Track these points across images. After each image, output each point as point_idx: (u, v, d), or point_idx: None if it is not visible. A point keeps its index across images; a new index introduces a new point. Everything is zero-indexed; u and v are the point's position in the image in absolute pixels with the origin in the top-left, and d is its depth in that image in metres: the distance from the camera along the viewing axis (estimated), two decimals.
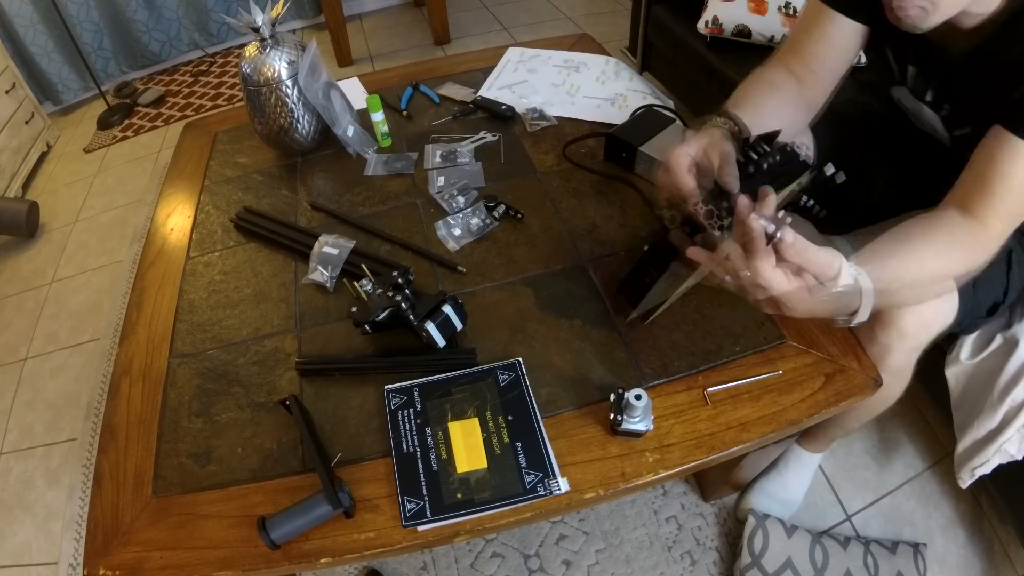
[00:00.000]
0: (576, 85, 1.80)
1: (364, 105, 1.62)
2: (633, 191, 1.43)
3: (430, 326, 1.07)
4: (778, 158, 1.01)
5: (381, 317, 1.09)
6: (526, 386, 1.06)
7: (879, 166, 1.42)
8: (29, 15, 3.38)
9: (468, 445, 1.00)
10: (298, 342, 1.20)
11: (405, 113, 1.76)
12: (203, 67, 4.04)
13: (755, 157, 1.00)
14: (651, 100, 1.68)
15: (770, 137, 1.03)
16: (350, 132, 1.59)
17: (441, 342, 1.09)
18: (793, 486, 1.65)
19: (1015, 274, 1.22)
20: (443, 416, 1.03)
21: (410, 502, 0.94)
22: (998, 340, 1.31)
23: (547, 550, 1.62)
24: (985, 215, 0.97)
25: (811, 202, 1.11)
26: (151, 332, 1.26)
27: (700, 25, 2.42)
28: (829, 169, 1.06)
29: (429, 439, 1.01)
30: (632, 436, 0.99)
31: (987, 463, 1.31)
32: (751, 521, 1.56)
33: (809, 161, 1.07)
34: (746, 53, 2.31)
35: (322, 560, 0.91)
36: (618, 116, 1.63)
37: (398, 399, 1.06)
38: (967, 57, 1.05)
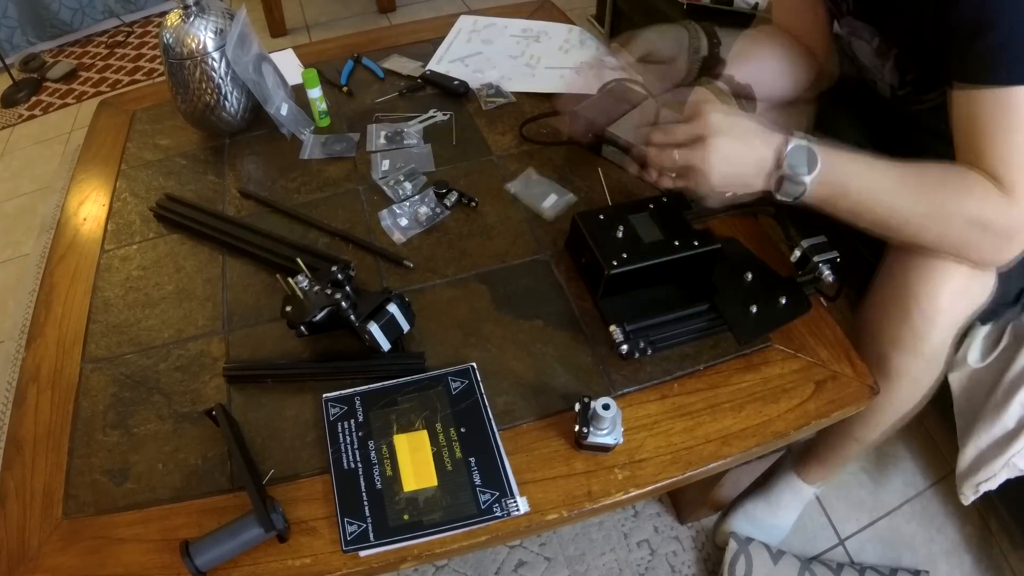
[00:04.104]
0: (536, 56, 1.81)
1: (300, 80, 1.62)
2: (600, 175, 1.43)
3: (373, 327, 1.07)
4: None
5: (318, 317, 1.09)
6: (481, 394, 1.07)
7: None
8: None
9: (416, 460, 1.00)
10: (226, 345, 1.20)
11: (345, 89, 1.76)
12: (120, 38, 4.00)
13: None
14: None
15: None
16: (284, 110, 1.58)
17: (386, 345, 1.10)
18: (782, 512, 1.65)
19: None
20: (388, 428, 1.04)
21: (351, 524, 0.94)
22: (1007, 338, 1.31)
23: None
24: (1005, 174, 0.92)
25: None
26: (61, 334, 1.25)
27: None
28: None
29: (372, 454, 1.01)
30: (599, 450, 1.00)
31: (993, 478, 1.31)
32: (732, 546, 1.57)
33: None
34: (728, 22, 2.32)
35: None
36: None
37: (338, 409, 1.07)
38: None
